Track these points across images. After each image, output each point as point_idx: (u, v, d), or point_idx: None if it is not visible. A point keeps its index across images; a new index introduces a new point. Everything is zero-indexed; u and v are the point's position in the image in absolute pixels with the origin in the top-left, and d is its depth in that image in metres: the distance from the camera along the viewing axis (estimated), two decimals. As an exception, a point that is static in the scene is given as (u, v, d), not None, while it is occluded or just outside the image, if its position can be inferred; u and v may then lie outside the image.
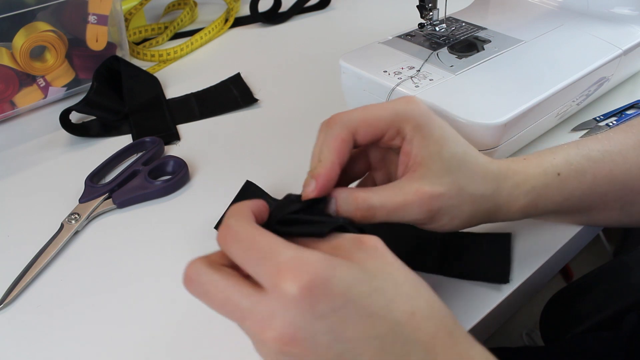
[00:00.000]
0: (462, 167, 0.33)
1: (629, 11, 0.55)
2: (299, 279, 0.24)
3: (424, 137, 0.32)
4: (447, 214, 0.33)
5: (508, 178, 0.35)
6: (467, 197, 0.33)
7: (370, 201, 0.31)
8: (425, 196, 0.32)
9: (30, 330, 0.39)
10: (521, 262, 0.41)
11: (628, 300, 0.46)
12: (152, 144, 0.54)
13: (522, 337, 1.01)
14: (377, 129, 0.32)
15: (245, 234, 0.27)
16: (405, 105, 0.33)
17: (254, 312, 0.25)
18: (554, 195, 0.36)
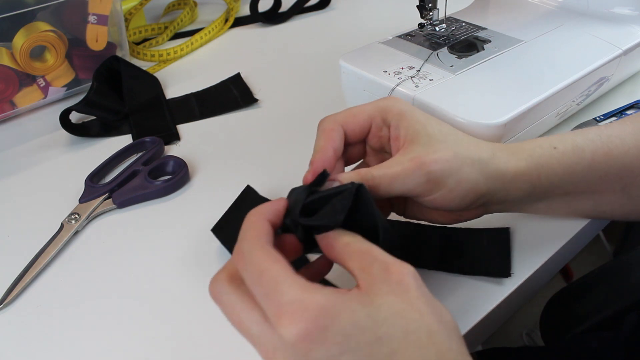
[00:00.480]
0: (451, 136, 0.35)
1: (629, 11, 0.55)
2: (297, 325, 0.25)
3: (408, 119, 0.35)
4: (450, 177, 0.34)
5: (502, 149, 0.36)
6: (465, 159, 0.34)
7: (374, 172, 0.33)
8: (421, 161, 0.33)
9: (30, 330, 0.39)
10: (521, 262, 0.41)
11: (628, 300, 0.46)
12: (152, 144, 0.54)
13: (522, 337, 1.01)
14: (362, 120, 0.36)
15: (254, 264, 0.27)
16: (387, 100, 0.37)
17: (261, 340, 0.26)
18: (553, 166, 0.36)
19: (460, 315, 0.37)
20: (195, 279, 0.42)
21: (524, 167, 0.36)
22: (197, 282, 0.41)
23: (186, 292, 0.41)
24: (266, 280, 0.26)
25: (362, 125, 0.36)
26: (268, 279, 0.26)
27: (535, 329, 1.01)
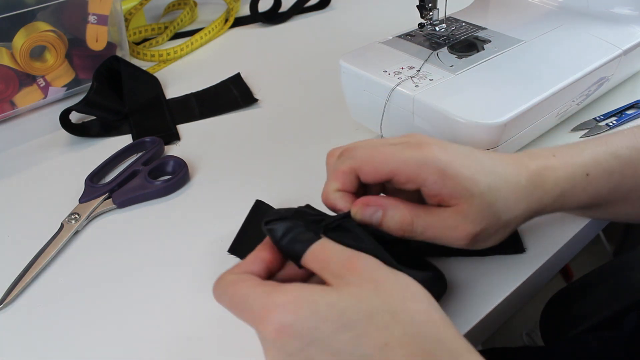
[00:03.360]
0: (497, 196, 0.33)
1: (629, 11, 0.55)
2: (267, 327, 0.27)
3: (452, 177, 0.32)
4: (486, 241, 0.34)
5: (538, 187, 0.35)
6: (504, 223, 0.34)
7: (418, 221, 0.33)
8: (468, 233, 0.33)
9: (30, 330, 0.39)
10: (521, 262, 0.41)
11: (628, 300, 0.46)
12: (152, 144, 0.54)
13: (522, 337, 1.01)
14: (382, 173, 0.33)
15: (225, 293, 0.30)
16: (418, 154, 0.33)
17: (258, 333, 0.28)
18: (580, 194, 0.36)
19: (460, 315, 0.37)
20: (195, 278, 0.42)
21: (551, 207, 0.36)
22: (197, 281, 0.41)
23: (186, 291, 0.41)
24: (237, 301, 0.29)
25: (379, 177, 0.34)
26: (238, 299, 0.29)
27: (535, 329, 1.01)
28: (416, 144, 0.33)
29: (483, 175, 0.33)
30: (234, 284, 0.29)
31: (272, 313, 0.27)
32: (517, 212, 0.34)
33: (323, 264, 0.29)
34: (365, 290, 0.27)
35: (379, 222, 0.33)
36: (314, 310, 0.26)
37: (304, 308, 0.27)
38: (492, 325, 0.39)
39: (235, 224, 0.45)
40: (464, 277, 0.40)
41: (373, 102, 0.48)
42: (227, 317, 0.38)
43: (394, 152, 0.33)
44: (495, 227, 0.34)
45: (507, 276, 0.40)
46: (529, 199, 0.34)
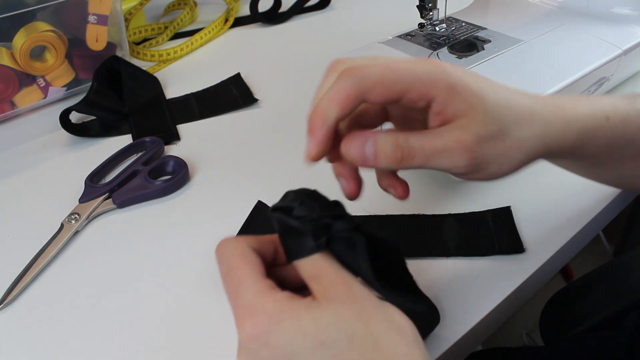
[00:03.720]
0: (505, 113, 0.31)
1: (629, 11, 0.55)
2: (245, 328, 0.27)
3: (462, 93, 0.30)
4: (494, 161, 0.31)
5: (557, 116, 0.33)
6: (515, 142, 0.31)
7: (411, 143, 0.30)
8: (468, 145, 0.30)
9: (30, 330, 0.39)
10: (521, 262, 0.41)
11: (628, 300, 0.46)
12: (152, 144, 0.54)
13: (522, 337, 1.01)
14: (393, 92, 0.30)
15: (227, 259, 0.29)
16: (431, 68, 0.30)
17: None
18: (600, 139, 0.35)
19: (460, 315, 0.37)
20: (195, 278, 0.42)
21: (572, 143, 0.34)
22: (197, 281, 0.41)
23: (186, 291, 0.41)
24: (232, 279, 0.28)
25: (390, 97, 0.30)
26: (234, 278, 0.28)
27: (535, 329, 1.01)
28: (428, 60, 0.31)
29: (493, 94, 0.31)
30: (237, 260, 0.28)
31: (255, 317, 0.26)
32: (531, 132, 0.32)
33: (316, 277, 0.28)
34: (350, 312, 0.26)
35: (373, 154, 0.30)
36: (296, 324, 0.26)
37: (287, 321, 0.26)
38: (492, 325, 0.39)
39: (235, 223, 0.45)
40: (464, 277, 0.40)
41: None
42: (227, 317, 0.38)
43: (408, 68, 0.30)
44: (503, 146, 0.31)
45: (507, 276, 0.40)
46: (547, 125, 0.32)
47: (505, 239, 0.42)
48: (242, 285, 0.27)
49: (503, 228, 0.43)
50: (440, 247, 0.42)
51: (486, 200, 0.46)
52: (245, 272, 0.28)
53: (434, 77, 0.30)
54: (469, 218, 0.44)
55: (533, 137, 0.32)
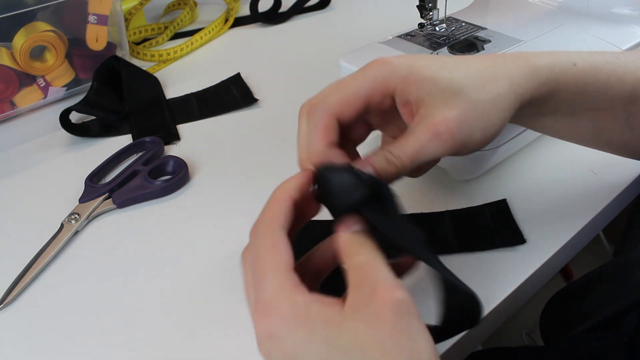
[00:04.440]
0: (465, 79, 0.32)
1: (629, 11, 0.55)
2: (261, 326, 0.26)
3: (414, 81, 0.31)
4: (474, 131, 0.32)
5: (521, 67, 0.33)
6: (484, 105, 0.32)
7: (395, 152, 0.31)
8: (439, 129, 0.31)
9: (30, 330, 0.39)
10: (521, 262, 0.41)
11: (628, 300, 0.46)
12: (152, 144, 0.54)
13: (522, 337, 1.01)
14: (359, 104, 0.32)
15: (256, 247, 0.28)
16: (379, 68, 0.32)
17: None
18: (570, 84, 0.35)
19: (460, 315, 0.37)
20: (196, 278, 0.42)
21: (542, 85, 0.34)
22: (197, 281, 0.41)
23: (186, 291, 0.41)
24: (257, 269, 0.27)
25: (359, 109, 0.32)
26: (259, 269, 0.27)
27: (535, 329, 1.01)
28: (377, 62, 0.33)
29: (445, 71, 0.32)
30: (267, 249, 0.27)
31: (270, 318, 0.26)
32: (497, 89, 0.32)
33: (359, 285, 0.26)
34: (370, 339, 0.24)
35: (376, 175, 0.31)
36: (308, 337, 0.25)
37: (300, 330, 0.25)
38: (492, 325, 0.39)
39: (235, 223, 0.45)
40: (464, 277, 0.40)
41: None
42: (227, 317, 0.38)
43: (358, 78, 0.32)
44: (472, 113, 0.31)
45: (507, 276, 0.40)
46: (512, 77, 0.33)
47: (505, 231, 0.43)
48: (266, 277, 0.27)
49: (501, 221, 0.43)
50: (440, 244, 0.42)
51: (484, 199, 0.46)
52: (271, 264, 0.27)
53: (388, 74, 0.32)
54: (467, 213, 0.44)
55: (502, 93, 0.32)
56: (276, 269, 0.27)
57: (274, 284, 0.26)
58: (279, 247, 0.28)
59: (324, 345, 0.25)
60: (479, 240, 0.42)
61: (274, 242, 0.28)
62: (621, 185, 0.47)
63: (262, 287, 0.26)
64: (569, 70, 0.35)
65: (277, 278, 0.26)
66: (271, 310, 0.26)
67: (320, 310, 0.26)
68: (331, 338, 0.25)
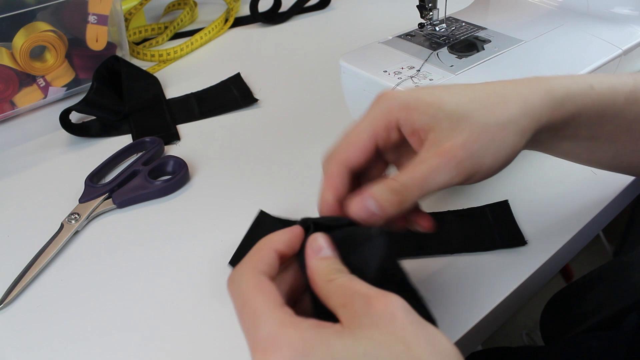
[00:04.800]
0: (473, 104, 0.31)
1: (629, 11, 0.55)
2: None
3: (417, 108, 0.31)
4: (485, 156, 0.30)
5: (535, 89, 0.32)
6: (495, 128, 0.30)
7: (401, 181, 0.30)
8: (448, 155, 0.30)
9: (30, 330, 0.39)
10: (521, 262, 0.41)
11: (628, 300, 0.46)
12: (152, 144, 0.54)
13: (522, 337, 1.01)
14: (366, 145, 0.32)
15: (240, 293, 0.27)
16: (379, 102, 0.32)
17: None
18: (588, 107, 0.34)
19: (460, 315, 0.37)
20: (195, 278, 0.42)
21: (559, 106, 0.33)
22: (197, 281, 0.41)
23: (186, 292, 0.41)
24: (247, 312, 0.26)
25: (367, 151, 0.32)
26: (249, 311, 0.26)
27: (535, 329, 1.01)
28: (377, 99, 0.33)
29: (449, 96, 0.31)
30: (251, 291, 0.26)
31: (279, 351, 0.24)
32: (509, 112, 0.31)
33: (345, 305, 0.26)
34: (388, 335, 0.24)
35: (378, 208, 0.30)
36: (328, 351, 0.23)
37: (318, 347, 0.24)
38: (492, 325, 0.39)
39: (235, 223, 0.45)
40: (464, 276, 0.40)
41: (373, 102, 0.48)
42: (227, 317, 0.38)
43: (361, 121, 0.32)
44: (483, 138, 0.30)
45: (507, 276, 0.40)
46: (526, 100, 0.32)
47: (506, 232, 0.42)
48: (260, 317, 0.25)
49: (502, 221, 0.43)
50: (442, 244, 0.42)
51: (486, 199, 0.46)
52: (261, 303, 0.26)
53: (388, 106, 0.31)
54: (468, 214, 0.44)
55: (514, 117, 0.31)
56: (267, 306, 0.26)
57: (271, 320, 0.25)
58: (264, 285, 0.27)
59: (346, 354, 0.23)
60: (480, 241, 0.42)
61: (259, 284, 0.27)
62: (621, 185, 0.47)
63: (259, 327, 0.25)
64: (586, 92, 0.34)
65: (272, 313, 0.25)
66: (278, 343, 0.24)
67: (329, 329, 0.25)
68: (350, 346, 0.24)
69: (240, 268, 0.28)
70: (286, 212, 0.46)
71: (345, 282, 0.26)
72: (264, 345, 0.24)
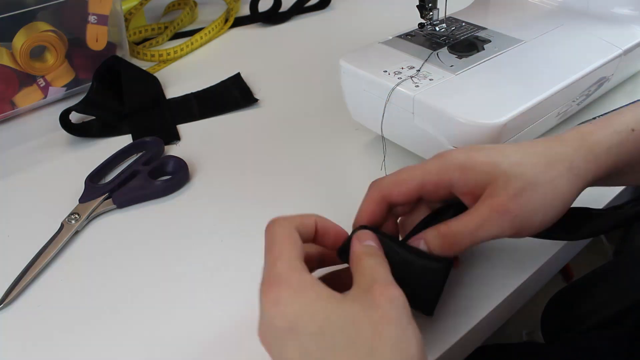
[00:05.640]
0: (525, 164, 0.33)
1: (629, 11, 0.55)
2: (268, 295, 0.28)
3: (474, 168, 0.33)
4: (537, 210, 0.32)
5: (578, 149, 0.34)
6: (546, 186, 0.32)
7: (453, 228, 0.32)
8: (502, 207, 0.32)
9: (30, 330, 0.39)
10: (521, 262, 0.41)
11: (628, 299, 0.46)
12: (152, 144, 0.54)
13: (522, 337, 1.01)
14: (409, 188, 0.34)
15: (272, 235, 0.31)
16: (436, 160, 0.34)
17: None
18: (632, 149, 0.35)
19: (460, 315, 0.37)
20: (195, 278, 0.42)
21: (602, 163, 0.34)
22: (197, 281, 0.41)
23: (185, 292, 0.41)
24: (271, 251, 0.30)
25: (409, 193, 0.34)
26: (273, 251, 0.30)
27: (535, 329, 1.01)
28: (435, 155, 0.35)
29: (502, 157, 0.33)
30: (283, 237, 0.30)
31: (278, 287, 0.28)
32: (557, 173, 0.33)
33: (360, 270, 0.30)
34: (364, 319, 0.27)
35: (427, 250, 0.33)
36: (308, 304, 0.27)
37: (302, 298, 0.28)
38: (492, 325, 0.39)
39: (235, 223, 0.45)
40: (464, 276, 0.40)
41: (373, 102, 0.48)
42: (227, 318, 0.38)
43: (416, 167, 0.35)
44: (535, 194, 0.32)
45: (507, 276, 0.40)
46: (571, 161, 0.33)
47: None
48: (278, 258, 0.29)
49: None
50: None
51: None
52: (285, 249, 0.30)
53: (442, 166, 0.34)
54: None
55: (561, 177, 0.33)
56: (290, 253, 0.30)
57: (286, 264, 0.29)
58: (294, 239, 0.31)
59: (322, 316, 0.27)
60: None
61: (290, 233, 0.31)
62: (621, 185, 0.47)
63: (275, 266, 0.29)
64: (628, 138, 0.35)
65: (290, 260, 0.29)
66: (280, 281, 0.28)
67: (324, 289, 0.28)
68: (329, 311, 0.27)
69: (282, 218, 0.32)
70: (286, 211, 0.46)
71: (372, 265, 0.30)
72: (271, 280, 0.28)
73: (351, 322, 0.27)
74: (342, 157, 0.53)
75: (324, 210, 0.36)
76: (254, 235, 0.45)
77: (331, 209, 0.46)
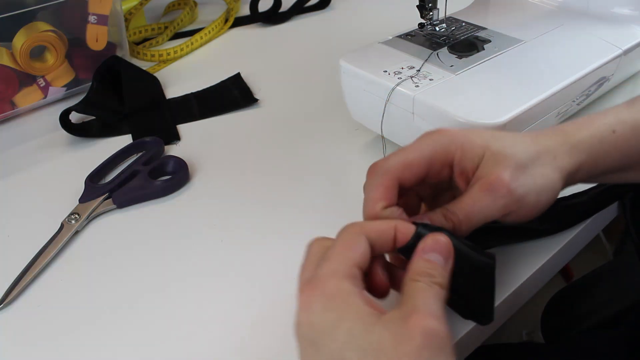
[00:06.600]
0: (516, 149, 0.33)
1: (629, 11, 0.55)
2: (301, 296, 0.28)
3: (470, 149, 0.33)
4: (529, 191, 0.32)
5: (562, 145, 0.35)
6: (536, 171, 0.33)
7: (449, 207, 0.33)
8: (493, 183, 0.32)
9: (30, 330, 0.39)
10: (521, 262, 0.41)
11: (628, 300, 0.46)
12: (152, 144, 0.54)
13: (522, 337, 1.01)
14: (421, 168, 0.33)
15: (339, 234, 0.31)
16: (439, 136, 0.34)
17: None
18: (612, 152, 0.36)
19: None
20: (195, 278, 0.42)
21: (583, 161, 0.35)
22: (196, 281, 0.41)
23: (185, 292, 0.41)
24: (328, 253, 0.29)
25: (420, 173, 0.34)
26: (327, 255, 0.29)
27: (535, 329, 1.01)
28: (434, 132, 0.34)
29: (494, 139, 0.34)
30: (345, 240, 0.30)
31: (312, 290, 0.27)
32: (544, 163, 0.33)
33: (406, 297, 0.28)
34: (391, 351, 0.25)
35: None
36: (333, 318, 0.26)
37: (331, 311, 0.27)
38: (492, 324, 0.39)
39: (235, 223, 0.45)
40: (464, 277, 0.40)
41: (373, 102, 0.48)
42: (227, 318, 0.38)
43: (422, 144, 0.34)
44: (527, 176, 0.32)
45: (507, 276, 0.40)
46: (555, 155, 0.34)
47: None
48: (327, 260, 0.29)
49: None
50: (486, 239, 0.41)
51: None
52: (338, 253, 0.29)
53: (447, 143, 0.33)
54: None
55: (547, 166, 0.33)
56: (340, 258, 0.29)
57: (331, 267, 0.28)
58: (353, 243, 0.29)
59: (346, 336, 0.26)
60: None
61: (352, 238, 0.30)
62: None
63: (320, 267, 0.28)
64: (608, 139, 0.35)
65: (336, 264, 0.28)
66: (318, 286, 0.27)
67: (359, 305, 0.27)
68: (356, 332, 0.26)
69: (354, 223, 0.31)
70: (286, 211, 0.47)
71: (422, 288, 0.28)
72: (311, 281, 0.28)
73: (376, 349, 0.25)
74: (342, 157, 0.53)
75: (324, 210, 0.36)
76: (254, 235, 0.45)
77: (331, 209, 0.46)
